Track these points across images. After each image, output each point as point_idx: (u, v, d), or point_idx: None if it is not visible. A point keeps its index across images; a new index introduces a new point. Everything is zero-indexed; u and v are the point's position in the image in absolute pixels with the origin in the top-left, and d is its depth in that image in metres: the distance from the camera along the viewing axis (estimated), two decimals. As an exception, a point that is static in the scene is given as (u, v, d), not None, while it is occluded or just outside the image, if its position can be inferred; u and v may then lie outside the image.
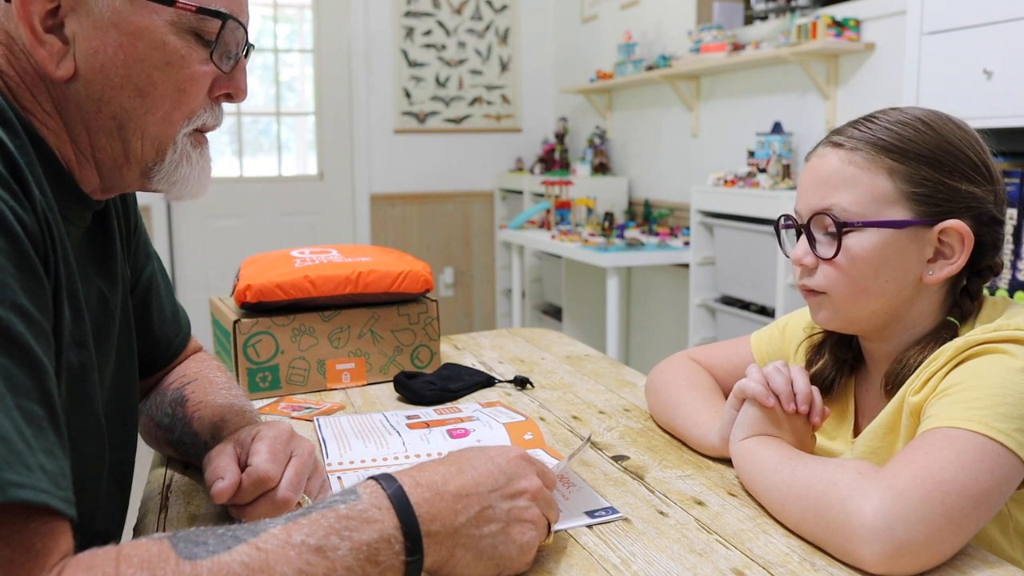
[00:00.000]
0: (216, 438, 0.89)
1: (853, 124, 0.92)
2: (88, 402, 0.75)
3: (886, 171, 0.87)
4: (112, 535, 0.84)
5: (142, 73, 0.72)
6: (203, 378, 1.01)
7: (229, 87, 0.79)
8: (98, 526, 0.80)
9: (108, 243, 0.85)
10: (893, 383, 0.89)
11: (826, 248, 0.90)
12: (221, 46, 0.75)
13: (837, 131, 0.92)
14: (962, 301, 0.90)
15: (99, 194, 0.79)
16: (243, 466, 0.81)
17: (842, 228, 0.88)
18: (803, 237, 0.92)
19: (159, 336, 1.01)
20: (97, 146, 0.75)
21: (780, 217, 0.99)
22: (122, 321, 0.86)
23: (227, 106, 0.82)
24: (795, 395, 0.88)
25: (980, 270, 0.90)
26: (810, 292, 0.93)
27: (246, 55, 0.80)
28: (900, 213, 0.87)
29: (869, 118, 0.91)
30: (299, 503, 0.81)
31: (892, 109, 0.92)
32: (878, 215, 0.87)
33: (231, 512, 0.81)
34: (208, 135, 0.81)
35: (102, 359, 0.80)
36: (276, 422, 0.88)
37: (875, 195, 0.87)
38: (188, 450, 0.95)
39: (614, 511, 0.84)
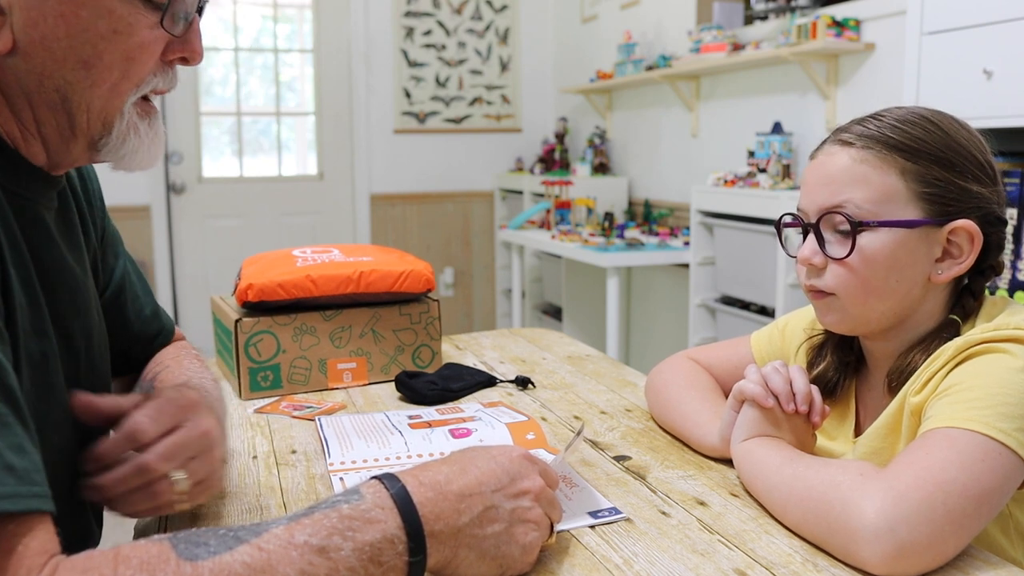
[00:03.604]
0: None
1: (859, 122, 0.91)
2: (52, 391, 0.72)
3: (898, 170, 0.86)
4: (88, 527, 0.83)
5: (86, 44, 0.68)
6: (176, 365, 0.97)
7: (183, 50, 0.74)
8: (70, 518, 0.78)
9: (71, 227, 0.82)
10: (897, 381, 0.88)
11: (837, 248, 0.89)
12: (172, 9, 0.71)
13: (843, 129, 0.91)
14: (965, 299, 0.90)
15: (47, 171, 0.75)
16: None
17: (857, 227, 0.87)
18: (811, 236, 0.91)
19: (138, 334, 0.98)
20: (41, 120, 0.71)
21: (782, 216, 0.98)
22: (96, 309, 0.84)
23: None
24: (794, 395, 0.88)
25: (983, 269, 0.90)
26: (818, 293, 0.92)
27: (200, 13, 0.75)
28: (911, 213, 0.87)
29: (875, 116, 0.90)
30: (170, 479, 0.72)
31: (896, 108, 0.91)
32: (890, 215, 0.86)
33: (86, 458, 0.73)
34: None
35: (74, 345, 0.77)
36: (196, 388, 0.82)
37: (887, 194, 0.87)
38: None
39: (617, 511, 0.84)
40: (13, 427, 0.56)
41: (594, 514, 0.83)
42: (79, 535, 0.81)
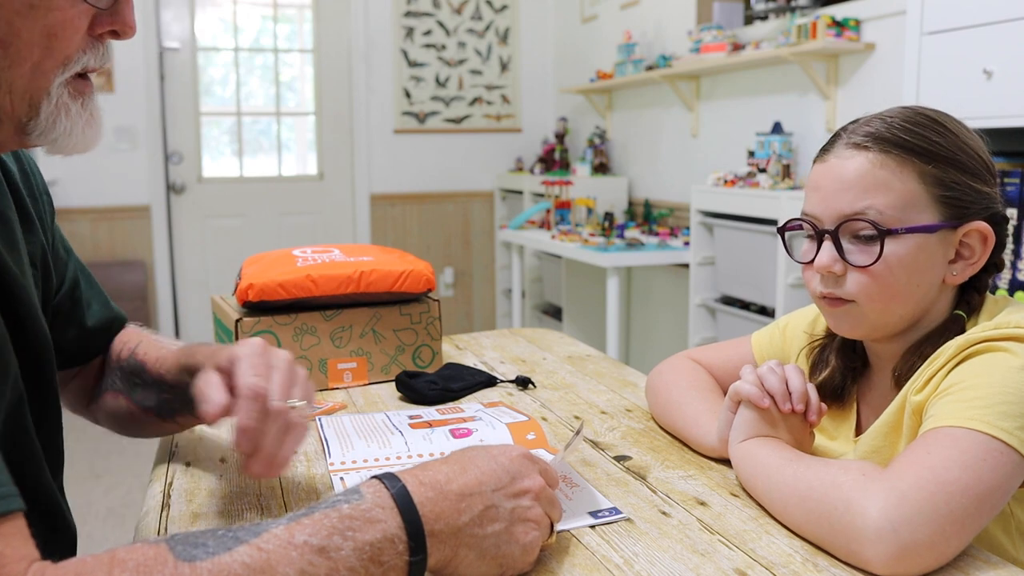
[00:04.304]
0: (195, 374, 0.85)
1: (866, 123, 0.89)
2: None
3: (917, 175, 0.86)
4: (58, 517, 0.83)
5: (1, 21, 0.64)
6: (146, 340, 0.99)
7: (114, 23, 0.71)
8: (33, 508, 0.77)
9: (5, 223, 0.81)
10: (906, 377, 0.88)
11: (860, 255, 0.87)
12: None
13: (850, 131, 0.90)
14: (970, 296, 0.91)
15: None
16: (231, 389, 0.78)
17: (885, 234, 0.86)
18: (828, 244, 0.89)
19: (94, 327, 0.99)
20: None
21: (787, 222, 0.96)
22: (35, 306, 0.82)
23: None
24: (791, 394, 0.88)
25: (986, 266, 0.91)
26: (836, 301, 0.90)
27: None
28: (930, 216, 0.86)
29: (880, 117, 0.89)
30: (291, 407, 0.79)
31: (899, 109, 0.90)
32: (912, 220, 0.86)
33: (236, 444, 0.75)
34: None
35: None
36: (247, 340, 0.84)
37: (908, 200, 0.86)
38: (174, 406, 0.92)
39: (617, 511, 0.84)
40: None
41: (594, 514, 0.83)
42: (49, 525, 0.81)
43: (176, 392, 0.90)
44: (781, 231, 0.99)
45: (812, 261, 0.91)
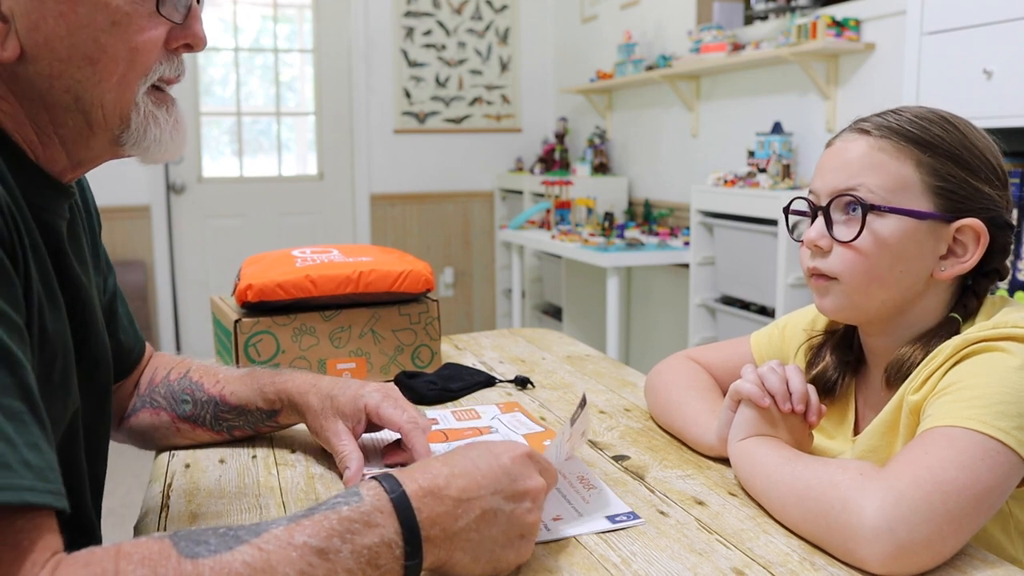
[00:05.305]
0: (270, 399, 0.99)
1: (879, 115, 0.92)
2: (56, 394, 0.73)
3: (913, 162, 0.87)
4: (90, 528, 0.84)
5: (88, 39, 0.69)
6: (195, 364, 1.06)
7: (186, 37, 0.75)
8: (72, 518, 0.79)
9: (78, 239, 0.84)
10: (895, 376, 0.89)
11: (846, 230, 0.89)
12: None
13: (862, 119, 0.93)
14: (967, 299, 0.91)
15: (70, 173, 0.77)
16: (368, 427, 0.96)
17: (868, 209, 0.87)
18: (819, 219, 0.91)
19: (123, 344, 1.01)
20: (58, 122, 0.72)
21: (792, 200, 0.98)
22: (100, 321, 0.86)
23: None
24: (791, 394, 0.88)
25: (987, 272, 0.91)
26: (820, 277, 0.92)
27: (198, 1, 0.77)
28: (923, 205, 0.87)
29: (894, 111, 0.92)
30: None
31: (915, 106, 0.92)
32: (902, 203, 0.87)
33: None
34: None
35: (71, 353, 0.78)
36: (354, 385, 0.97)
37: (900, 183, 0.87)
38: (236, 422, 1.02)
39: (635, 516, 0.82)
40: (30, 426, 0.56)
41: (611, 518, 0.82)
42: (80, 534, 0.82)
43: (240, 411, 1.01)
44: (786, 210, 1.00)
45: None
